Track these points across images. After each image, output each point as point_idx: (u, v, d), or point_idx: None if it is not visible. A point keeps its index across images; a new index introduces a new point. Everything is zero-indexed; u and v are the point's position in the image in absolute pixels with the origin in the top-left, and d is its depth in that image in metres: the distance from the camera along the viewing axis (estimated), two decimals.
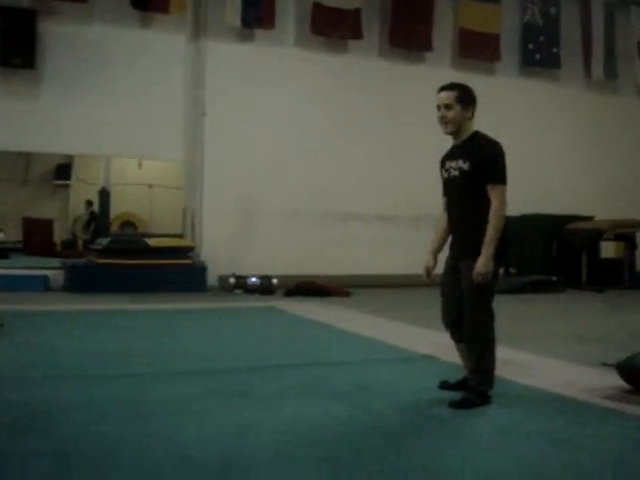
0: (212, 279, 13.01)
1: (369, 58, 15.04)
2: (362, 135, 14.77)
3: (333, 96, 14.55)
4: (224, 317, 9.67)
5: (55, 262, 14.41)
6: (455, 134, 4.91)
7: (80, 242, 19.36)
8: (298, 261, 13.40)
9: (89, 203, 18.95)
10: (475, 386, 4.77)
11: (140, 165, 19.94)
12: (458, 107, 4.82)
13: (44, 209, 19.75)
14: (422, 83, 15.06)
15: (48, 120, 13.13)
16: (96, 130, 13.28)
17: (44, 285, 12.72)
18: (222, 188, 13.36)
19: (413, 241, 14.98)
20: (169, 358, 6.47)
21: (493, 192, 4.65)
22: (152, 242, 13.27)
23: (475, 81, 15.84)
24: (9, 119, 12.92)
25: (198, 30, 14.07)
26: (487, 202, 4.66)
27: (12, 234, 19.90)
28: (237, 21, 13.88)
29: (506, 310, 6.10)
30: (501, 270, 4.95)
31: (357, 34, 14.74)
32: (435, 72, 15.23)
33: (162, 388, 5.18)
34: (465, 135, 4.87)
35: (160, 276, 12.43)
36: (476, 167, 4.70)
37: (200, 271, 12.98)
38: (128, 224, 20.31)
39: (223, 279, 13.04)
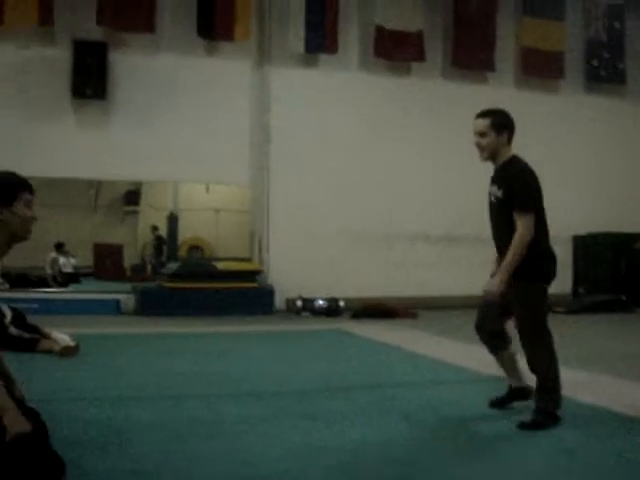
0: (279, 302, 13.15)
1: (432, 80, 15.07)
2: (427, 156, 14.79)
3: (397, 119, 14.61)
4: (292, 339, 9.77)
5: (125, 286, 14.76)
6: (492, 160, 5.02)
7: (149, 267, 19.77)
8: (364, 283, 13.47)
9: (154, 228, 19.36)
10: (543, 407, 4.75)
11: (207, 190, 20.28)
12: (493, 134, 4.92)
13: (114, 235, 20.22)
14: (486, 104, 14.97)
15: (118, 148, 13.49)
16: (164, 157, 13.58)
17: (116, 309, 13.04)
18: (288, 211, 13.52)
19: (479, 262, 14.95)
20: (238, 380, 6.58)
21: (519, 220, 4.71)
22: (220, 266, 13.50)
23: (539, 100, 15.89)
24: (81, 148, 13.34)
25: (262, 57, 14.31)
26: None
27: (83, 259, 20.39)
28: (300, 47, 14.08)
29: (573, 330, 6.08)
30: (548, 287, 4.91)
31: (420, 56, 14.79)
32: (498, 92, 15.21)
33: (232, 409, 5.28)
34: (501, 160, 4.98)
35: (228, 299, 12.63)
36: (508, 195, 4.81)
37: (268, 294, 13.14)
38: (195, 248, 20.63)
39: (290, 302, 13.17)
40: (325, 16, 14.17)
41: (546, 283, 4.84)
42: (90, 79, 13.15)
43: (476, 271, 14.82)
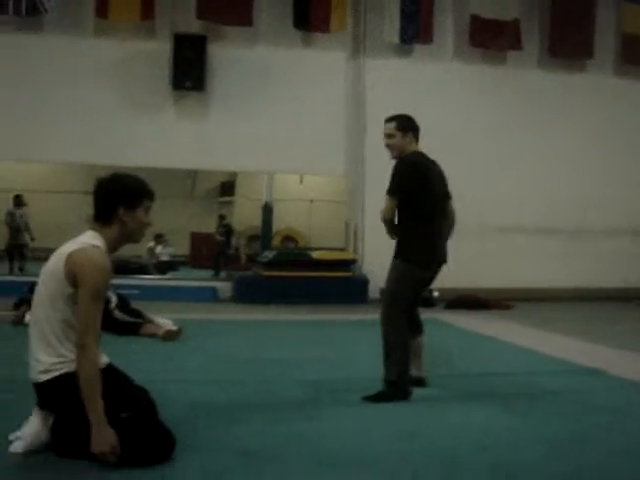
0: (373, 291, 13.19)
1: (529, 69, 14.83)
2: (522, 147, 14.60)
3: (493, 108, 14.48)
4: None
5: (221, 274, 15.02)
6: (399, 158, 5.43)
7: (243, 256, 20.05)
8: (459, 274, 13.32)
9: (221, 217, 19.61)
10: (388, 377, 5.20)
11: (301, 181, 20.46)
12: (399, 135, 5.43)
13: (210, 224, 20.55)
14: (584, 92, 14.81)
15: (215, 139, 13.76)
16: (260, 148, 13.77)
17: (213, 296, 13.33)
18: (383, 201, 13.50)
19: (573, 254, 14.72)
20: (335, 366, 6.70)
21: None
22: (316, 255, 13.65)
23: (637, 87, 15.36)
24: (180, 139, 13.65)
25: (358, 47, 14.36)
26: (405, 212, 5.33)
27: (180, 248, 20.85)
28: (396, 37, 14.07)
29: None
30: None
31: (516, 45, 14.58)
32: (597, 80, 14.93)
33: (330, 394, 5.38)
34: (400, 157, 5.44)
35: (323, 288, 12.77)
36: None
37: (362, 283, 13.23)
38: (289, 239, 20.82)
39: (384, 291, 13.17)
40: (420, 6, 14.12)
41: (418, 267, 5.31)
42: (189, 71, 13.41)
43: (572, 263, 14.69)
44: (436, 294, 12.78)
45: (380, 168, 14.21)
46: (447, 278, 13.70)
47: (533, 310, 12.42)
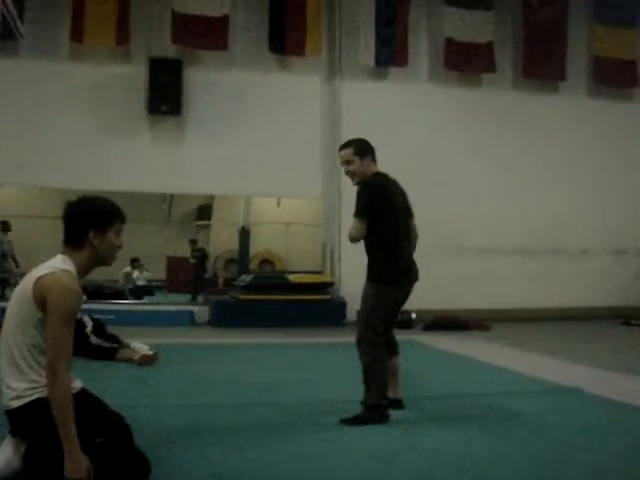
0: (351, 314, 13.16)
1: (503, 91, 14.98)
2: (499, 167, 14.70)
3: (468, 130, 14.57)
4: None
5: (198, 299, 14.94)
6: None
7: (221, 279, 19.99)
8: (436, 295, 13.38)
9: (193, 242, 19.56)
10: (367, 401, 5.16)
11: (279, 204, 20.48)
12: (357, 160, 5.38)
13: (186, 249, 20.48)
14: (558, 113, 14.95)
15: (192, 163, 13.75)
16: (237, 171, 13.77)
17: (190, 320, 13.25)
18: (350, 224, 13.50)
19: (553, 274, 14.79)
20: (313, 388, 6.67)
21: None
22: (293, 278, 13.62)
23: (612, 109, 15.63)
24: (156, 163, 13.63)
25: (333, 70, 14.44)
26: (373, 234, 5.25)
27: (156, 272, 20.76)
28: (371, 61, 14.16)
29: None
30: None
31: (490, 67, 14.73)
32: (571, 102, 15.10)
33: (308, 417, 5.36)
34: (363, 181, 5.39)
35: (300, 311, 12.73)
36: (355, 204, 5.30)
37: (340, 306, 13.19)
38: (267, 262, 20.80)
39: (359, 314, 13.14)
40: (395, 29, 14.24)
41: (391, 287, 5.29)
42: (165, 95, 13.42)
43: (551, 283, 14.75)
44: (414, 315, 12.79)
45: (356, 190, 14.29)
46: (425, 299, 13.72)
47: (512, 330, 12.43)
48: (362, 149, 5.43)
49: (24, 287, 3.55)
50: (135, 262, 18.95)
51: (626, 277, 15.06)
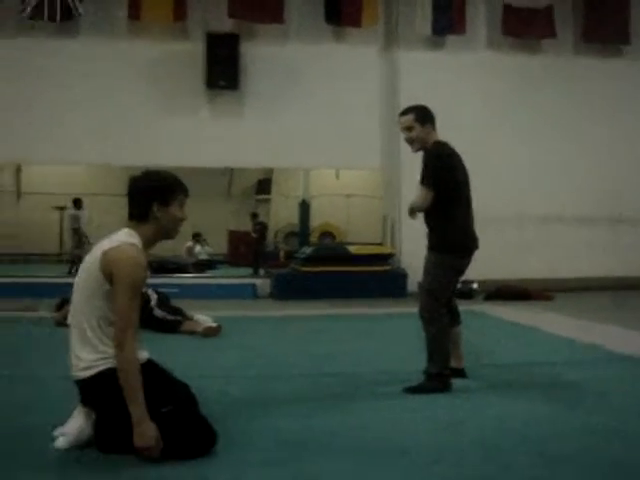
0: (412, 285, 13.15)
1: (564, 56, 14.64)
2: (558, 135, 14.43)
3: (528, 97, 14.32)
4: None
5: (259, 272, 15.07)
6: (423, 150, 5.37)
7: (281, 253, 20.09)
8: (498, 265, 13.27)
9: (254, 215, 19.63)
10: (428, 370, 5.19)
11: (338, 176, 20.45)
12: (418, 126, 5.32)
13: (247, 222, 20.63)
14: (621, 78, 14.61)
15: (250, 137, 13.81)
16: (295, 144, 13.82)
17: (252, 293, 13.39)
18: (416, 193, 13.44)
19: (613, 243, 14.53)
20: (375, 359, 6.70)
21: (419, 191, 5.27)
22: (353, 250, 13.65)
23: None
24: (215, 138, 13.73)
25: (390, 40, 14.32)
26: (438, 204, 5.20)
27: (217, 247, 20.96)
28: (428, 29, 13.99)
29: None
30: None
31: (550, 32, 14.40)
32: (635, 66, 14.71)
33: (369, 386, 5.40)
34: (425, 148, 5.37)
35: (361, 283, 12.75)
36: (421, 174, 5.27)
37: (400, 277, 13.19)
38: (327, 234, 20.83)
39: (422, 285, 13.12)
40: None
41: (454, 257, 5.28)
42: (223, 70, 13.50)
43: (612, 252, 14.51)
44: (475, 285, 12.72)
45: (415, 161, 14.20)
46: (486, 269, 13.68)
47: (574, 300, 12.28)
48: (423, 116, 5.36)
49: (91, 260, 3.64)
50: (197, 237, 19.17)
51: None
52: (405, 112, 5.44)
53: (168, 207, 3.75)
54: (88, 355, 3.60)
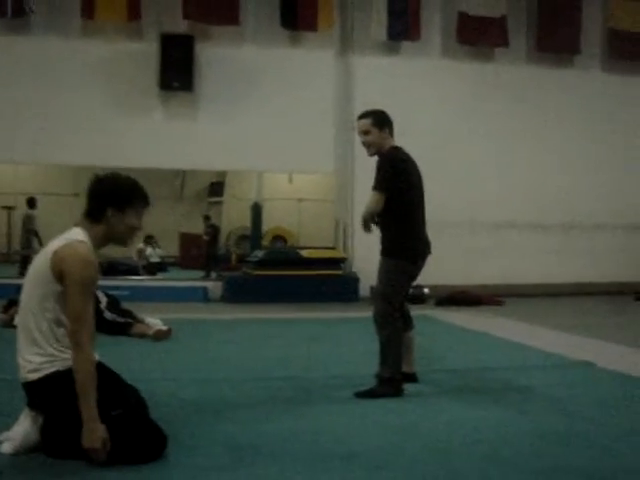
0: (364, 290, 13.18)
1: (516, 65, 14.84)
2: (512, 142, 14.61)
3: (481, 105, 14.46)
4: None
5: (211, 275, 14.98)
6: (378, 154, 5.38)
7: (233, 256, 20.01)
8: (449, 271, 13.37)
9: (206, 218, 19.57)
10: (380, 374, 5.20)
11: (291, 180, 20.44)
12: (375, 131, 5.34)
13: (199, 225, 20.52)
14: (572, 87, 14.83)
15: (204, 139, 13.72)
16: (249, 147, 13.75)
17: (204, 296, 13.30)
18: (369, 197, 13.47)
19: (566, 249, 14.74)
20: (326, 363, 6.69)
21: (371, 195, 5.28)
22: (306, 253, 13.63)
23: (628, 83, 15.47)
24: (168, 139, 13.61)
25: (345, 45, 14.36)
26: (390, 209, 5.22)
27: (169, 249, 20.83)
28: (383, 35, 14.06)
29: None
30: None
31: (503, 41, 14.57)
32: (585, 75, 14.96)
33: (322, 390, 5.38)
34: (380, 152, 5.37)
35: (313, 287, 12.77)
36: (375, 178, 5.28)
37: (352, 281, 13.22)
38: (279, 238, 20.80)
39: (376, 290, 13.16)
40: (407, 3, 14.11)
41: (408, 262, 5.30)
42: (177, 71, 13.35)
43: (564, 258, 14.71)
44: (426, 291, 12.79)
45: (370, 165, 14.22)
46: (438, 275, 13.77)
47: (525, 306, 12.43)
48: (381, 120, 5.38)
49: (40, 262, 3.57)
50: (149, 239, 19.02)
51: None
52: (363, 116, 5.45)
53: (123, 214, 3.70)
54: (36, 357, 3.52)
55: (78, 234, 3.62)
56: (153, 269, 17.86)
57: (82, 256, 3.50)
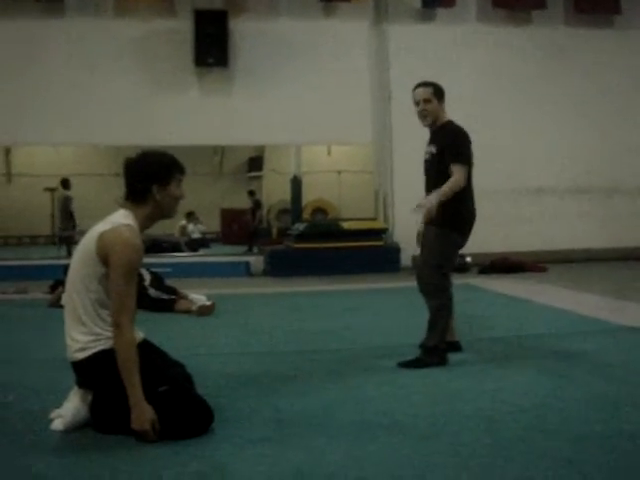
0: (406, 259, 13.16)
1: (554, 27, 14.59)
2: (550, 106, 14.40)
3: (518, 69, 14.28)
4: (419, 295, 9.73)
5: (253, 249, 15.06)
6: (433, 126, 5.45)
7: (274, 230, 20.10)
8: (491, 238, 13.27)
9: (251, 193, 19.62)
10: (425, 344, 5.21)
11: (329, 152, 20.40)
12: (435, 100, 5.37)
13: (239, 200, 20.62)
14: (612, 48, 14.54)
15: (241, 114, 13.73)
16: (286, 121, 13.74)
17: (246, 271, 13.38)
18: (412, 169, 13.21)
19: (607, 214, 14.54)
20: (370, 334, 6.69)
21: (454, 170, 5.18)
22: (346, 225, 13.63)
23: None
24: (205, 116, 13.65)
25: (379, 14, 14.24)
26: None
27: (210, 225, 20.96)
28: (418, 2, 13.90)
29: None
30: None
31: (540, 3, 14.32)
32: (625, 35, 14.65)
33: (367, 361, 5.39)
34: (439, 123, 5.42)
35: (354, 258, 12.77)
36: (443, 150, 5.28)
37: (394, 252, 13.20)
38: (319, 210, 20.81)
39: (416, 259, 13.15)
40: None
41: (458, 232, 5.31)
42: (212, 48, 13.36)
43: (606, 223, 14.51)
44: (469, 259, 12.72)
45: (407, 135, 14.13)
46: (480, 243, 13.62)
47: (568, 272, 12.31)
48: (440, 91, 5.42)
49: (87, 243, 3.61)
50: (190, 215, 19.16)
51: None
52: (423, 85, 5.44)
53: (167, 187, 3.72)
54: (83, 337, 3.58)
55: (125, 217, 3.65)
56: (195, 245, 17.98)
57: (128, 240, 3.53)
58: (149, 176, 3.70)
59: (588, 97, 14.50)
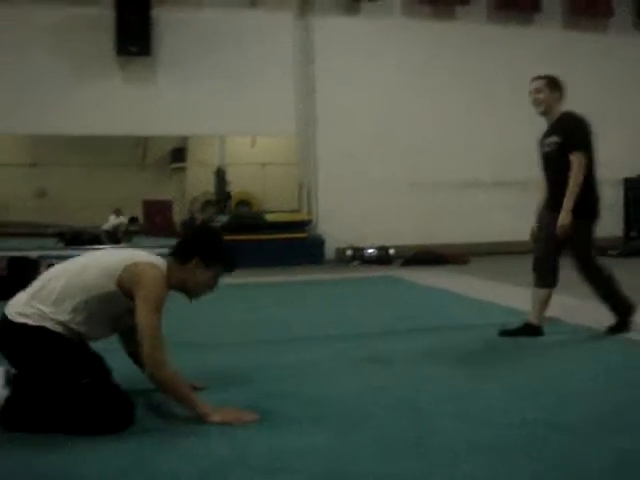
0: (329, 252, 13.22)
1: (477, 22, 14.82)
2: (473, 101, 14.62)
3: (442, 63, 14.45)
4: (344, 287, 9.82)
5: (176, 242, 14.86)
6: (547, 114, 5.80)
7: (198, 222, 19.91)
8: (414, 231, 13.44)
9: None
10: None
11: (253, 144, 20.32)
12: (547, 90, 5.75)
13: (162, 192, 20.40)
14: (533, 45, 14.82)
15: (164, 104, 13.58)
16: (210, 111, 13.63)
17: None
18: (336, 161, 13.50)
19: (529, 206, 14.79)
20: (297, 325, 6.70)
21: (574, 158, 5.50)
22: (270, 217, 13.60)
23: (587, 39, 15.42)
24: (128, 106, 13.45)
25: (305, 6, 14.22)
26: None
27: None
28: None
29: (624, 273, 6.15)
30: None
31: None
32: (545, 33, 14.96)
33: (294, 354, 5.36)
34: (556, 114, 5.75)
35: (279, 250, 12.75)
36: (566, 139, 5.59)
37: (318, 244, 13.22)
38: (243, 203, 20.73)
39: (340, 251, 13.23)
40: None
41: (593, 222, 5.70)
42: (134, 36, 13.18)
43: (528, 216, 14.75)
44: (392, 251, 12.83)
45: (331, 127, 14.16)
46: (403, 235, 13.81)
47: (490, 264, 12.52)
48: (553, 83, 5.77)
49: (115, 259, 3.60)
50: (118, 211, 18.86)
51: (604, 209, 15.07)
52: (538, 77, 5.88)
53: (206, 269, 3.75)
54: (31, 309, 3.50)
55: (162, 264, 3.67)
56: (116, 237, 17.69)
57: (158, 278, 3.56)
58: (202, 247, 3.74)
59: (508, 93, 14.69)
